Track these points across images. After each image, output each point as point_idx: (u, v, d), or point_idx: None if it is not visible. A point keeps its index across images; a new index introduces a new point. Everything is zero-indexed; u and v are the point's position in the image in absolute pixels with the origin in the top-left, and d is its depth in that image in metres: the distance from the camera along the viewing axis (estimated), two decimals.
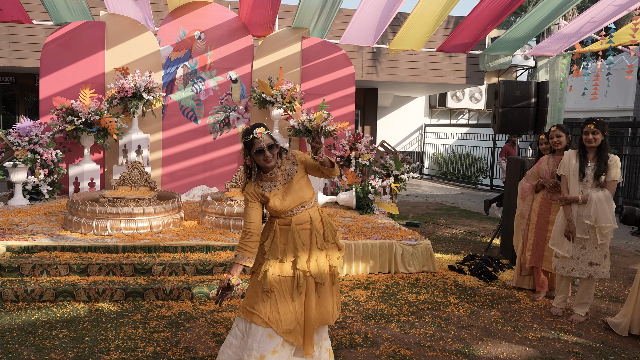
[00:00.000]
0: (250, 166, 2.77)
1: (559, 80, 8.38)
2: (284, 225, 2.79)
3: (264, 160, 2.70)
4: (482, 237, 7.34)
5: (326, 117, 7.81)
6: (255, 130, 2.69)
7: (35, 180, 6.88)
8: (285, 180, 2.76)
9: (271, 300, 2.69)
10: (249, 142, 2.71)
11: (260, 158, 2.70)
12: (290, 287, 2.74)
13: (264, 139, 2.68)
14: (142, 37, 7.95)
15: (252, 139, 2.69)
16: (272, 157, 2.71)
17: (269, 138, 2.71)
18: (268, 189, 2.75)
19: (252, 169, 2.77)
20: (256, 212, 2.76)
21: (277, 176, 2.78)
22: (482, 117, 18.31)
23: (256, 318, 2.66)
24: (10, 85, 13.09)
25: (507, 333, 3.83)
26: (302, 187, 2.79)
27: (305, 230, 2.80)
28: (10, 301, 4.05)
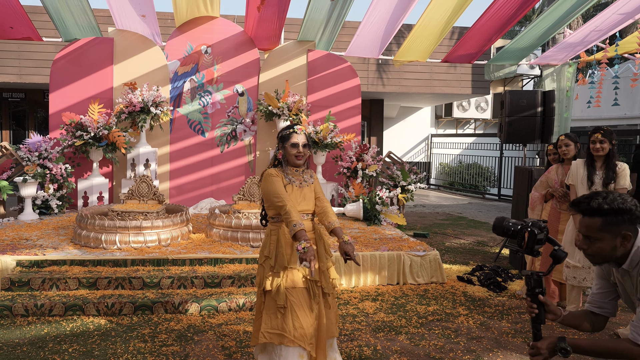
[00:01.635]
0: (281, 160, 2.89)
1: (565, 89, 8.38)
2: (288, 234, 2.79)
3: (296, 155, 2.83)
4: (491, 247, 7.30)
5: (332, 129, 7.84)
6: (297, 126, 2.86)
7: (44, 195, 6.94)
8: (301, 185, 2.90)
9: (292, 316, 2.68)
10: (287, 134, 2.85)
11: (294, 151, 2.83)
12: (307, 299, 2.75)
13: (301, 136, 2.84)
14: (149, 52, 8.05)
15: (291, 132, 2.84)
16: (303, 155, 2.85)
17: (305, 138, 2.86)
18: (288, 180, 2.85)
19: (281, 163, 2.89)
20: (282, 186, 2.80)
21: (298, 176, 2.91)
22: (488, 126, 18.29)
23: (286, 340, 2.65)
24: (20, 101, 13.27)
25: (517, 344, 3.79)
26: (311, 197, 2.94)
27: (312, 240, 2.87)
28: (21, 315, 4.07)
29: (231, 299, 4.34)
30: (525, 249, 2.07)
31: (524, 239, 2.06)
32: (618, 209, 1.88)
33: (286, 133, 2.86)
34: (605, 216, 1.90)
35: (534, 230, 2.02)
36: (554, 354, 1.93)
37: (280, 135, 2.90)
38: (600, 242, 1.93)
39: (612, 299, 2.12)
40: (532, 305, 2.04)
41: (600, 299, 2.13)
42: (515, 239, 2.09)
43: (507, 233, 2.11)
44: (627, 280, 1.99)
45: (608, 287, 2.11)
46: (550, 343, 1.95)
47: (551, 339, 1.96)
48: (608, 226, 1.90)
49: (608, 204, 1.89)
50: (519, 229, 2.06)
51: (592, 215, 1.92)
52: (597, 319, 2.14)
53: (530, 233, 2.03)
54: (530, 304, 2.04)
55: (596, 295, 2.14)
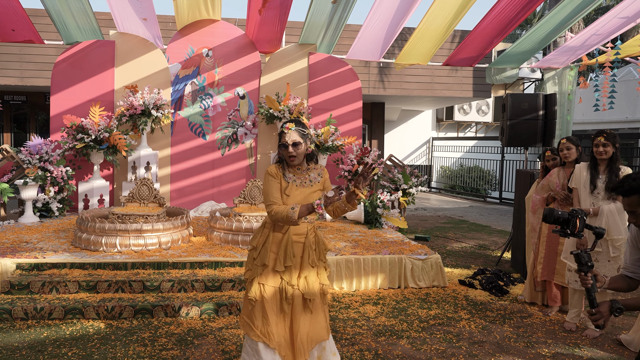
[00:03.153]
0: (282, 158, 2.84)
1: (567, 92, 8.36)
2: (279, 233, 2.79)
3: (288, 156, 2.77)
4: (493, 250, 7.27)
5: (333, 132, 7.83)
6: (286, 124, 2.77)
7: (45, 198, 6.93)
8: (304, 184, 2.81)
9: (263, 312, 2.72)
10: (279, 134, 2.80)
11: (286, 153, 2.77)
12: (279, 301, 2.76)
13: (291, 135, 2.74)
14: (150, 55, 8.06)
15: (281, 132, 2.79)
16: (295, 155, 2.76)
17: (296, 135, 2.75)
18: (287, 179, 2.79)
19: (284, 161, 2.84)
20: (278, 188, 2.77)
21: (301, 174, 2.83)
22: (489, 129, 18.28)
23: (252, 333, 2.71)
24: (21, 104, 13.28)
25: (520, 349, 3.77)
26: (315, 197, 2.83)
27: (299, 244, 2.81)
28: (20, 319, 4.05)
29: (232, 303, 4.32)
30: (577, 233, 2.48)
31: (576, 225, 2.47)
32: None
33: (279, 132, 2.81)
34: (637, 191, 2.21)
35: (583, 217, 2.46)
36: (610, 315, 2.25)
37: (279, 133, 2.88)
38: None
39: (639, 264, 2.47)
40: (586, 278, 2.34)
41: (632, 265, 2.48)
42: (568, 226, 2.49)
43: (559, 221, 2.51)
44: None
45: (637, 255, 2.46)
46: (607, 306, 2.26)
47: (606, 303, 2.27)
48: None
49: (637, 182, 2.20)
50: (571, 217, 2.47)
51: (629, 195, 2.24)
52: (631, 282, 2.49)
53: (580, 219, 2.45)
54: (584, 277, 2.34)
55: (629, 262, 2.50)
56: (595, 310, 2.27)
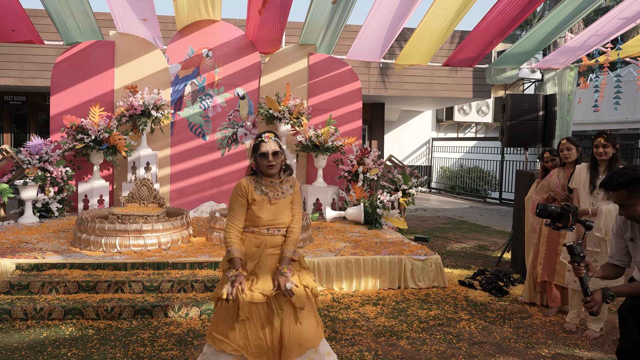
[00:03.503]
0: (255, 170, 2.83)
1: (567, 93, 8.36)
2: (254, 247, 2.78)
3: (266, 165, 2.77)
4: (492, 251, 7.27)
5: (333, 133, 7.83)
6: (264, 134, 2.79)
7: (45, 198, 6.93)
8: (276, 196, 2.82)
9: (242, 327, 2.68)
10: (257, 144, 2.80)
11: (264, 161, 2.76)
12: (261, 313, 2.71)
13: (270, 144, 2.77)
14: (150, 55, 8.06)
15: (260, 142, 2.78)
16: (274, 164, 2.78)
17: (275, 145, 2.79)
18: (259, 192, 2.79)
19: (256, 172, 2.83)
20: (242, 208, 2.78)
21: (273, 187, 2.83)
22: (489, 130, 18.28)
23: (225, 345, 2.67)
24: (21, 104, 13.28)
25: (520, 349, 3.77)
26: (286, 210, 2.86)
27: (274, 256, 2.79)
28: (20, 319, 4.05)
29: None
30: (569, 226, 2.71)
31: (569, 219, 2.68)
32: (635, 178, 2.39)
33: (256, 143, 2.80)
34: (627, 187, 2.40)
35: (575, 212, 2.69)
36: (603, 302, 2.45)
37: (252, 145, 2.85)
38: (633, 206, 2.43)
39: (626, 253, 2.69)
40: (579, 268, 2.53)
41: (617, 254, 2.71)
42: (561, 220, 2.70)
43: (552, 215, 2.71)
44: None
45: (622, 244, 2.69)
46: (600, 294, 2.46)
47: (599, 291, 2.47)
48: (633, 193, 2.41)
49: (624, 178, 2.40)
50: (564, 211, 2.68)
51: (617, 190, 2.43)
52: (618, 269, 2.72)
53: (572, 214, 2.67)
54: (578, 267, 2.53)
55: (615, 251, 2.73)
56: (590, 298, 2.45)
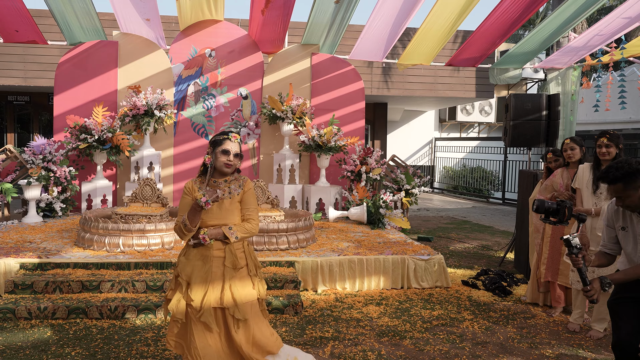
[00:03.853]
0: (208, 165, 2.75)
1: (570, 93, 8.34)
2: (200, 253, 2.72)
3: (225, 163, 2.71)
4: (496, 251, 7.26)
5: (336, 132, 7.83)
6: (232, 134, 2.75)
7: (48, 198, 6.95)
8: (223, 195, 2.72)
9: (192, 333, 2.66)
10: (220, 139, 2.74)
11: (224, 159, 2.71)
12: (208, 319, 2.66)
13: (235, 145, 2.74)
14: (153, 55, 8.07)
15: (224, 139, 2.73)
16: (233, 164, 2.73)
17: (238, 147, 2.76)
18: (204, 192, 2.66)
19: (208, 169, 2.75)
20: (188, 204, 2.71)
21: (219, 186, 2.76)
22: (492, 130, 18.25)
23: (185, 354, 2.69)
24: (25, 104, 13.32)
25: (523, 350, 3.76)
26: (234, 211, 2.76)
27: (219, 259, 2.71)
28: (24, 319, 4.06)
29: None
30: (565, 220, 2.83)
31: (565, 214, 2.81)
32: (630, 172, 2.53)
33: (219, 138, 2.73)
34: (623, 180, 2.54)
35: (571, 206, 2.83)
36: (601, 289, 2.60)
37: (212, 139, 2.78)
38: (629, 197, 2.58)
39: (616, 242, 2.84)
40: (577, 259, 2.64)
41: (609, 242, 2.86)
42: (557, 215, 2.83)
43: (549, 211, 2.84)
44: None
45: (613, 234, 2.84)
46: (598, 282, 2.61)
47: (596, 279, 2.62)
48: (628, 186, 2.55)
49: (620, 172, 2.54)
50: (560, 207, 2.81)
51: (614, 183, 2.56)
52: (610, 257, 2.87)
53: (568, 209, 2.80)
54: (576, 259, 2.64)
55: (606, 240, 2.87)
56: (590, 287, 2.59)
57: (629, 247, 2.74)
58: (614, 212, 2.80)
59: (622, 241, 2.78)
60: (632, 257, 2.74)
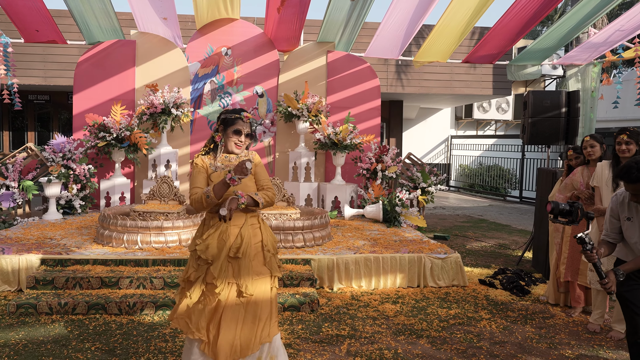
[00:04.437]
0: (217, 143, 2.74)
1: (590, 90, 8.20)
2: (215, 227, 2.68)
3: (236, 143, 2.71)
4: (513, 250, 7.18)
5: (352, 130, 7.81)
6: (244, 113, 2.73)
7: (68, 195, 7.06)
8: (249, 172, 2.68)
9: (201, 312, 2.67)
10: (231, 119, 2.70)
11: (234, 139, 2.71)
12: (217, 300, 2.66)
13: (247, 125, 2.72)
14: (170, 54, 8.14)
15: (236, 118, 2.70)
16: (243, 144, 2.73)
17: (249, 127, 2.74)
18: (215, 168, 2.68)
19: (217, 147, 2.74)
20: (203, 176, 2.69)
21: (229, 162, 2.76)
22: (509, 127, 18.05)
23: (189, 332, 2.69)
24: (45, 103, 13.54)
25: (542, 350, 3.71)
26: (249, 185, 2.75)
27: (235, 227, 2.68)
28: (45, 314, 4.13)
29: None
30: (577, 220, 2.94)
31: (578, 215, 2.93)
32: None
33: (230, 117, 2.69)
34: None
35: (582, 207, 2.95)
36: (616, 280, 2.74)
37: (223, 117, 2.73)
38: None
39: (619, 232, 2.98)
40: (591, 255, 2.77)
41: (612, 232, 3.00)
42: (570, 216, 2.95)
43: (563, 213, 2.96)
44: None
45: (617, 225, 2.97)
46: (612, 275, 2.75)
47: (611, 272, 2.76)
48: None
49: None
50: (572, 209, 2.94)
51: (635, 182, 2.66)
52: (612, 246, 3.02)
53: (581, 210, 2.93)
54: (591, 255, 2.77)
55: (609, 230, 3.00)
56: (607, 280, 2.72)
57: (635, 237, 2.86)
58: (619, 204, 2.94)
59: (628, 231, 2.91)
60: (637, 247, 2.87)
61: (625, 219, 2.90)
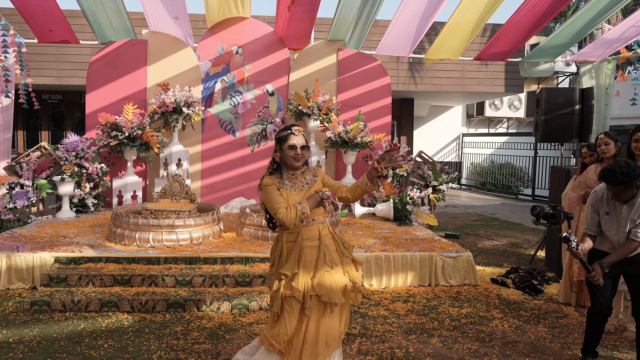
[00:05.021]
0: (279, 163, 2.81)
1: (604, 86, 8.09)
2: (291, 242, 2.77)
3: (293, 157, 2.76)
4: (526, 249, 7.12)
5: (362, 128, 7.79)
6: (294, 127, 2.79)
7: (81, 194, 7.13)
8: (302, 188, 2.80)
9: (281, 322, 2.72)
10: (284, 136, 2.78)
11: (292, 154, 2.76)
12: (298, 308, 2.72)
13: (299, 138, 2.77)
14: (181, 53, 8.17)
15: (288, 134, 2.77)
16: (301, 157, 2.78)
17: (303, 139, 2.80)
18: (285, 186, 2.77)
19: (281, 165, 2.81)
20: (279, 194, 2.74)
21: (297, 179, 2.83)
22: (521, 125, 17.88)
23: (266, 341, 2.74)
24: (58, 103, 13.69)
25: (555, 350, 3.68)
26: None
27: (313, 248, 2.76)
28: (59, 311, 4.18)
29: (262, 298, 4.35)
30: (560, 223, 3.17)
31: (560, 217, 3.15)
32: (633, 177, 2.97)
33: (283, 135, 2.78)
34: (625, 184, 2.99)
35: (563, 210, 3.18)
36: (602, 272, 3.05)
37: (277, 136, 2.83)
38: (625, 195, 3.07)
39: (598, 225, 3.30)
40: (577, 252, 3.06)
41: (593, 227, 3.32)
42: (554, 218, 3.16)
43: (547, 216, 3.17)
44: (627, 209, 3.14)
45: (597, 219, 3.30)
46: (598, 267, 3.06)
47: (596, 265, 3.08)
48: (628, 187, 3.02)
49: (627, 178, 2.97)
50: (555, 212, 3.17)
51: (618, 184, 3.00)
52: (593, 238, 3.33)
53: (564, 214, 3.16)
54: (577, 252, 3.06)
55: (590, 224, 3.33)
56: (594, 273, 3.04)
57: (613, 230, 3.21)
58: (599, 200, 3.27)
59: (606, 225, 3.24)
60: (614, 239, 3.22)
61: (604, 213, 3.22)
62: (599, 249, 3.30)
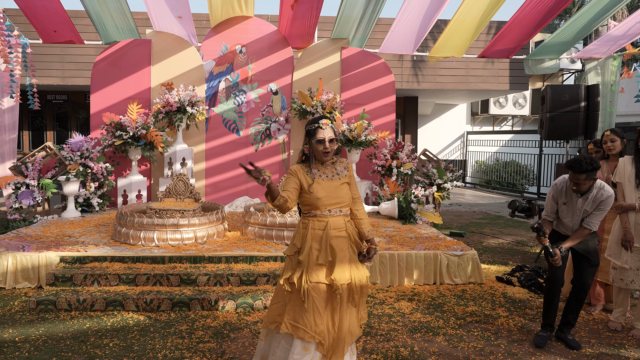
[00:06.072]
0: (308, 155, 2.84)
1: (610, 83, 8.04)
2: (318, 230, 2.77)
3: (322, 151, 2.77)
4: (531, 247, 7.08)
5: (366, 127, 7.77)
6: (322, 121, 2.78)
7: (86, 193, 7.16)
8: (332, 177, 2.82)
9: (314, 312, 2.69)
10: (312, 130, 2.78)
11: (320, 148, 2.77)
12: (326, 297, 2.73)
13: (327, 131, 2.77)
14: (185, 52, 8.18)
15: (316, 128, 2.77)
16: (330, 150, 2.79)
17: (332, 132, 2.79)
18: (313, 175, 2.79)
19: (310, 158, 2.83)
20: (293, 180, 2.77)
21: (327, 169, 2.85)
22: (526, 123, 17.80)
23: (302, 332, 2.67)
24: (63, 103, 13.74)
25: (562, 348, 3.66)
26: (344, 189, 2.85)
27: (341, 238, 2.79)
28: (64, 310, 4.19)
29: (266, 297, 4.35)
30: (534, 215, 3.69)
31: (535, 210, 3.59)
32: (595, 168, 3.39)
33: (312, 128, 2.78)
34: (587, 172, 3.40)
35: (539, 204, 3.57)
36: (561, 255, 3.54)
37: (306, 129, 2.83)
38: (584, 185, 3.48)
39: (556, 212, 3.76)
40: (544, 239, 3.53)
41: (552, 213, 3.76)
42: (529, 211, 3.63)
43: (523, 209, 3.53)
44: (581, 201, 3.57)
45: (555, 208, 3.74)
46: (557, 251, 3.53)
47: (556, 249, 3.54)
48: (589, 177, 3.43)
49: (591, 166, 3.39)
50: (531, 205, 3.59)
51: (581, 173, 3.40)
52: (551, 223, 3.81)
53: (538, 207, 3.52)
54: (543, 239, 3.52)
55: (549, 211, 3.77)
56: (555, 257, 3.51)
57: (568, 218, 3.66)
58: (559, 191, 3.68)
59: (563, 213, 3.69)
60: (569, 225, 3.67)
61: (562, 203, 3.67)
62: (556, 230, 3.80)
